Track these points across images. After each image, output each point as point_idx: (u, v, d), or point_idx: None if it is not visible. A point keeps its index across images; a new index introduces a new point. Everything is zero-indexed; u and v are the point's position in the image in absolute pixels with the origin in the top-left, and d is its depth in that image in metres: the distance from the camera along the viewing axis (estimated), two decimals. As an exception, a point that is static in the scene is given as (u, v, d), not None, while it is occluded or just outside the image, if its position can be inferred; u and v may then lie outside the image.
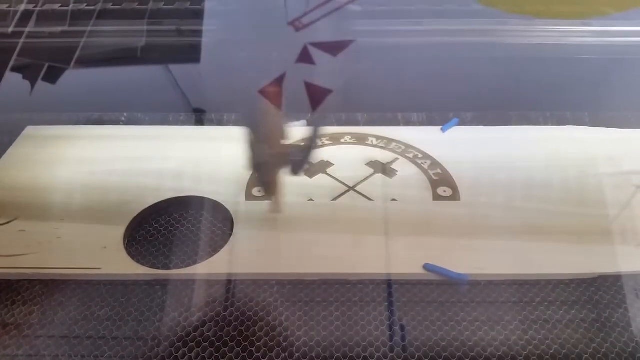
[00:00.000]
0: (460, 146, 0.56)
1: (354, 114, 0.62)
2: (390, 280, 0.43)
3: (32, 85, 0.46)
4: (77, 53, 0.46)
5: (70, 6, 0.49)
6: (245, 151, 0.43)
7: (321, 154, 0.55)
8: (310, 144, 0.44)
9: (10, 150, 0.57)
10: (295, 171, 0.46)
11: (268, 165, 0.45)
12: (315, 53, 0.36)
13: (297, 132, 0.44)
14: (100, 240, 0.46)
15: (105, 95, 0.64)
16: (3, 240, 0.46)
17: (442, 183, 0.51)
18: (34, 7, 0.49)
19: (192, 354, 0.38)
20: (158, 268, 0.44)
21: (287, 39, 0.37)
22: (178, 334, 0.39)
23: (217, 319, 0.40)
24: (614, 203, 0.49)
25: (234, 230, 0.47)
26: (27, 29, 0.47)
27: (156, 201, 0.50)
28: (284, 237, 0.46)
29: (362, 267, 0.43)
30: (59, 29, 0.48)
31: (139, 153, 0.56)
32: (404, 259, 0.44)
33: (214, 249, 0.45)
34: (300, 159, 0.45)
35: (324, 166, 0.54)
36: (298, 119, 0.60)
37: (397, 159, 0.55)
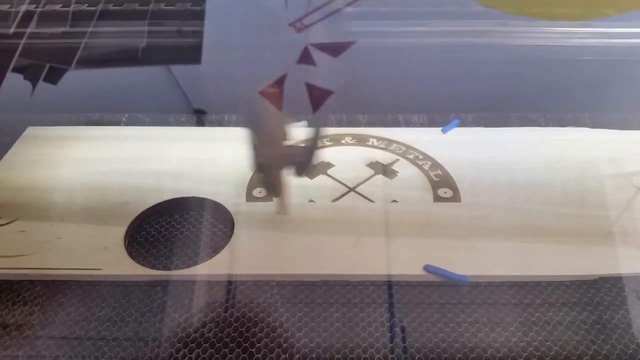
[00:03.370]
0: (461, 147, 0.56)
1: (354, 115, 0.62)
2: (390, 281, 0.43)
3: (33, 85, 0.46)
4: (78, 54, 0.46)
5: (72, 7, 0.49)
6: (249, 152, 0.44)
7: (322, 155, 0.55)
8: (313, 144, 0.44)
9: (11, 151, 0.57)
10: (299, 172, 0.46)
11: (271, 166, 0.45)
12: (316, 54, 0.36)
13: (299, 133, 0.44)
14: (101, 241, 0.46)
15: (106, 96, 0.64)
16: (4, 240, 0.46)
17: (442, 184, 0.51)
18: (35, 7, 0.49)
19: (193, 355, 0.38)
20: (158, 269, 0.44)
21: (288, 40, 0.37)
22: (178, 335, 0.39)
23: (218, 319, 0.40)
24: (615, 204, 0.49)
25: (235, 231, 0.47)
26: (29, 30, 0.47)
27: (157, 202, 0.50)
28: (285, 238, 0.46)
29: (363, 268, 0.43)
30: (60, 29, 0.48)
31: (139, 154, 0.56)
32: (405, 260, 0.44)
33: (215, 249, 0.45)
34: (303, 160, 0.45)
35: (324, 167, 0.54)
36: (299, 120, 0.60)
37: (397, 160, 0.55)
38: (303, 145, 0.44)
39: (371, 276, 0.43)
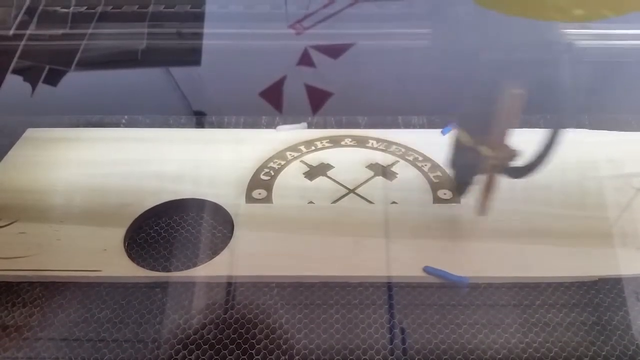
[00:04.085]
0: (461, 149, 0.56)
1: (354, 116, 0.62)
2: (390, 282, 0.43)
3: (33, 87, 0.46)
4: (78, 55, 0.46)
5: (71, 9, 0.49)
6: (452, 151, 0.43)
7: (321, 156, 0.55)
8: (546, 150, 0.42)
9: (10, 153, 0.57)
10: (521, 175, 0.44)
11: (484, 167, 0.43)
12: (315, 56, 0.36)
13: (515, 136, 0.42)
14: (101, 243, 0.46)
15: (105, 98, 0.64)
16: (3, 242, 0.46)
17: (442, 186, 0.51)
18: (35, 9, 0.49)
19: (192, 357, 0.38)
20: (158, 270, 0.44)
21: (287, 42, 0.38)
22: (178, 337, 0.39)
23: (217, 321, 0.40)
24: (614, 206, 0.49)
25: (234, 232, 0.47)
26: (28, 32, 0.47)
27: (156, 203, 0.50)
28: (284, 239, 0.46)
29: (362, 270, 0.43)
30: (60, 31, 0.48)
31: (139, 155, 0.56)
32: (404, 262, 0.44)
33: (214, 251, 0.45)
34: (529, 164, 0.43)
35: (324, 169, 0.54)
36: (299, 122, 0.60)
37: (397, 161, 0.55)
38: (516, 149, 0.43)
39: (371, 277, 0.43)
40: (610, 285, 0.42)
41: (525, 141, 0.42)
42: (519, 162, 0.42)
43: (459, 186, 0.47)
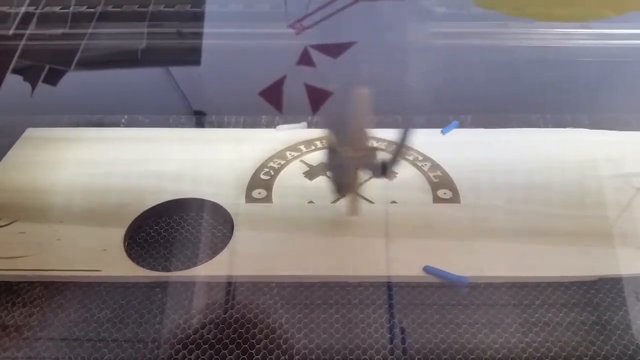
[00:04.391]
0: (461, 148, 0.56)
1: (354, 116, 0.62)
2: (390, 282, 0.43)
3: (33, 87, 0.46)
4: (78, 55, 0.46)
5: (71, 8, 0.49)
6: (326, 153, 0.43)
7: (321, 156, 0.55)
8: (400, 146, 0.43)
9: (10, 152, 0.57)
10: (382, 174, 0.45)
11: (348, 167, 0.44)
12: (315, 55, 0.36)
13: (385, 135, 0.43)
14: (101, 242, 0.46)
15: (105, 98, 0.64)
16: (3, 242, 0.46)
17: (442, 185, 0.51)
18: (35, 9, 0.49)
19: (192, 356, 0.38)
20: (158, 270, 0.44)
21: (287, 42, 0.38)
22: (178, 337, 0.39)
23: (217, 321, 0.40)
24: (614, 205, 0.49)
25: (234, 232, 0.47)
26: (28, 31, 0.47)
27: (156, 203, 0.50)
28: (284, 239, 0.46)
29: (362, 270, 0.43)
30: (60, 31, 0.48)
31: (139, 155, 0.56)
32: (404, 262, 0.44)
33: (214, 251, 0.45)
34: (387, 162, 0.44)
35: (324, 168, 0.54)
36: (298, 121, 0.60)
37: (397, 161, 0.55)
38: (381, 147, 0.43)
39: (371, 277, 0.43)
40: (610, 285, 0.42)
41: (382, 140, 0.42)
42: (377, 161, 0.43)
43: (336, 188, 0.47)
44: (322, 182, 0.52)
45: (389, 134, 0.58)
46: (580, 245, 0.45)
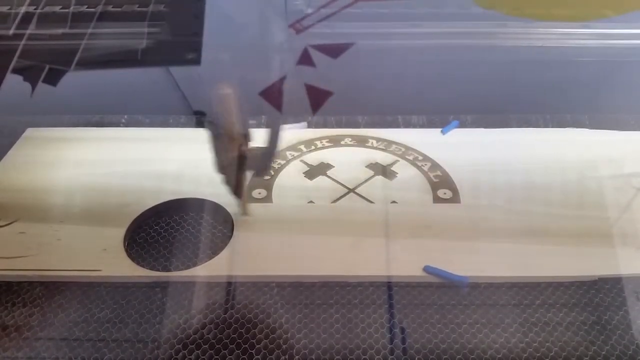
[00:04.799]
0: (461, 148, 0.56)
1: (354, 116, 0.62)
2: (390, 282, 0.43)
3: (33, 87, 0.46)
4: (78, 55, 0.46)
5: (71, 8, 0.49)
6: (212, 153, 0.43)
7: (321, 156, 0.55)
8: (271, 146, 0.43)
9: (10, 152, 0.57)
10: (259, 174, 0.45)
11: (232, 167, 0.44)
12: (315, 55, 0.36)
13: (258, 133, 0.44)
14: (101, 242, 0.46)
15: (105, 98, 0.64)
16: (3, 242, 0.46)
17: (442, 185, 0.51)
18: (35, 9, 0.49)
19: (192, 356, 0.38)
20: (158, 270, 0.44)
21: (287, 42, 0.38)
22: (178, 337, 0.39)
23: (217, 321, 0.40)
24: (614, 205, 0.49)
25: (234, 232, 0.47)
26: (28, 31, 0.47)
27: (156, 203, 0.50)
28: (284, 239, 0.46)
29: (362, 270, 0.43)
30: (60, 31, 0.48)
31: (139, 155, 0.56)
32: (404, 261, 0.44)
33: (214, 251, 0.45)
34: (262, 162, 0.44)
35: (324, 168, 0.54)
36: (298, 121, 0.60)
37: (397, 161, 0.55)
38: (261, 147, 0.44)
39: (371, 277, 0.43)
40: (610, 285, 0.42)
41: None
42: (253, 159, 0.44)
43: (229, 188, 0.47)
44: (322, 182, 0.52)
45: (388, 134, 0.58)
46: (580, 245, 0.45)
